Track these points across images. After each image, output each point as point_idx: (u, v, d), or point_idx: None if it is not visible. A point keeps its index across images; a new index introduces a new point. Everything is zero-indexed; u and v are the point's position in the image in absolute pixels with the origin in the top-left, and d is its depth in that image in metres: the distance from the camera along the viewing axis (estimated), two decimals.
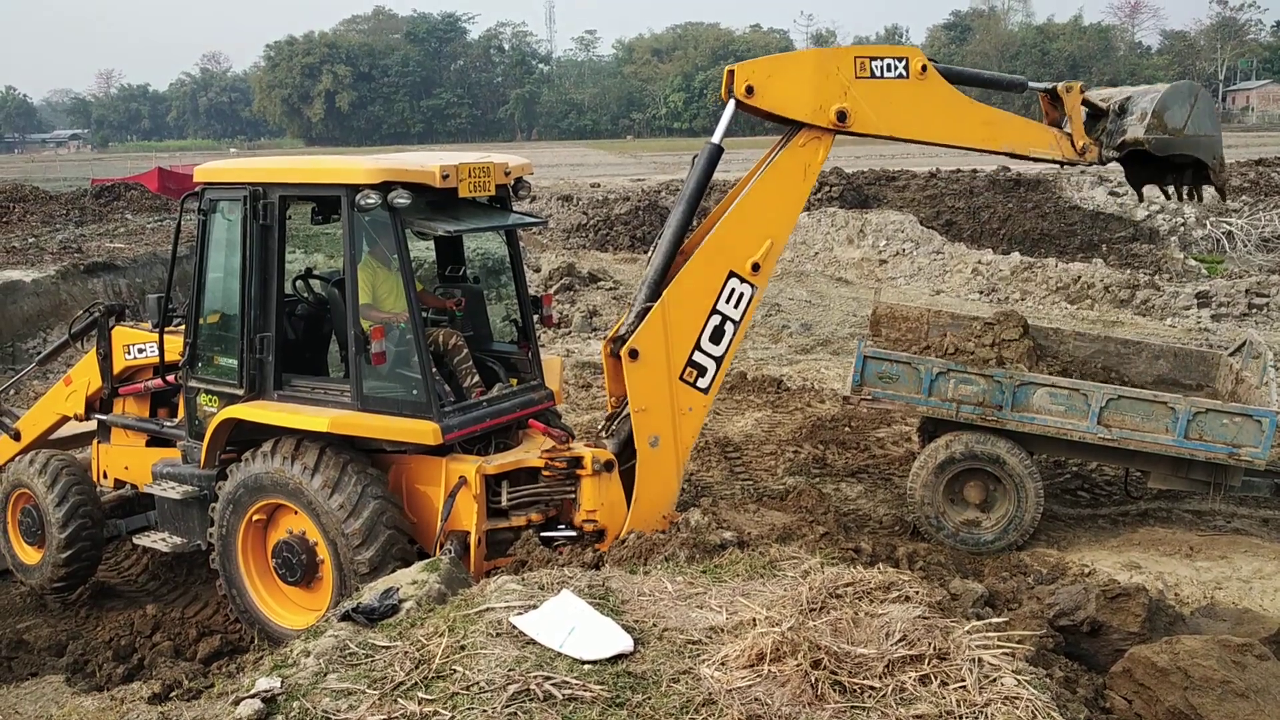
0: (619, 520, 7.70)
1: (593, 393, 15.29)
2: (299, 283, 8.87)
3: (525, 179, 8.42)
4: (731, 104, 7.92)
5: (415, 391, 7.64)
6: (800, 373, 16.46)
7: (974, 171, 35.03)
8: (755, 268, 7.69)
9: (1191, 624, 6.46)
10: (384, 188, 7.24)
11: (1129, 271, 23.86)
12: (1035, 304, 21.90)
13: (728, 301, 7.71)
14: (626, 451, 7.91)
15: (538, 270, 21.91)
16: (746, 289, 7.69)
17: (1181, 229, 31.69)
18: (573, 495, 7.87)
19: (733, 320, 7.71)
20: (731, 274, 7.67)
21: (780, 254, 8.03)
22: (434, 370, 7.87)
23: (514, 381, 8.66)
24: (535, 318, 8.89)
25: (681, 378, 7.70)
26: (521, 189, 8.36)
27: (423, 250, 10.26)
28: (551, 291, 20.11)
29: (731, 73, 7.88)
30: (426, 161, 7.60)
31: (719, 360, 7.74)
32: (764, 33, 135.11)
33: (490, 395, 8.26)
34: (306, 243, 18.21)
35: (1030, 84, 8.39)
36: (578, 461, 7.76)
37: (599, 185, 35.19)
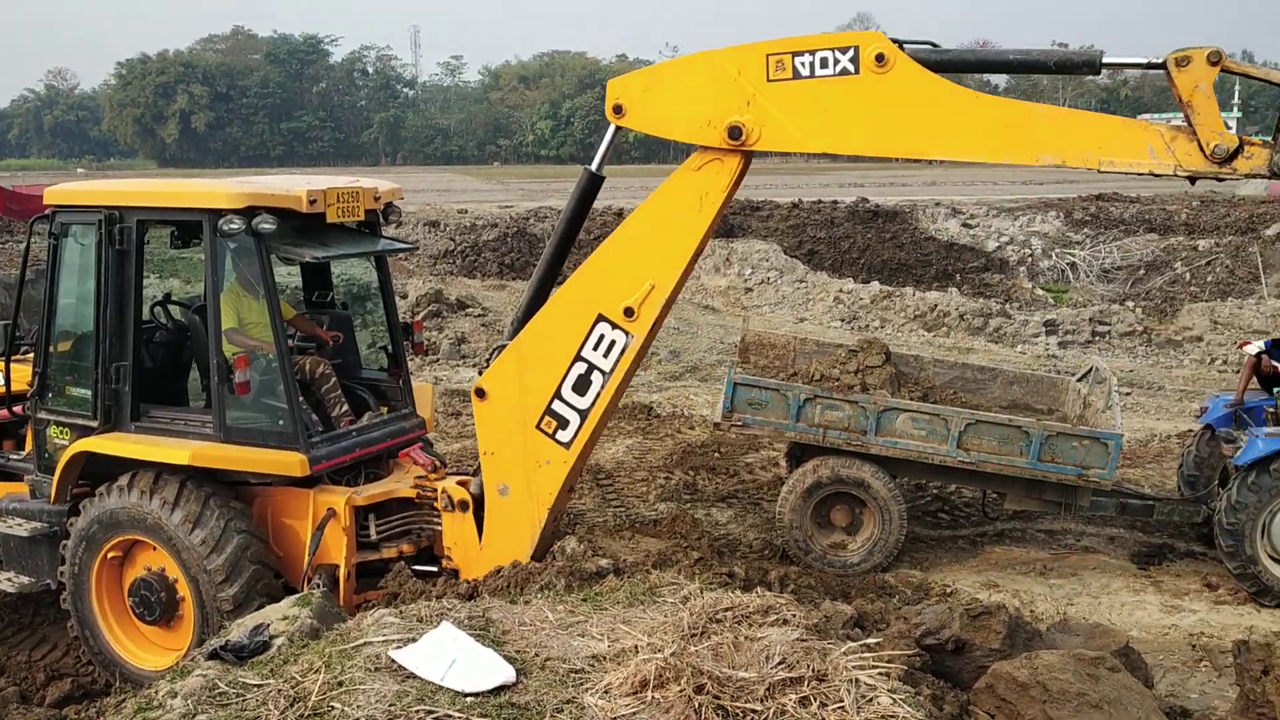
0: (470, 562, 7.29)
1: (463, 420, 15.13)
2: (157, 309, 8.57)
3: (395, 204, 8.32)
4: (612, 126, 6.88)
5: (281, 422, 7.45)
6: (670, 399, 16.61)
7: (834, 203, 36.03)
8: (629, 312, 6.47)
9: (1048, 639, 6.72)
10: (248, 212, 7.05)
11: (982, 300, 24.83)
12: (894, 331, 22.60)
13: (595, 348, 6.58)
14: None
15: (404, 297, 21.62)
16: (619, 336, 6.48)
17: (1029, 260, 33.19)
18: (440, 528, 7.75)
19: (601, 370, 6.56)
20: (600, 317, 6.54)
21: (671, 299, 6.50)
22: (301, 399, 7.68)
23: (384, 410, 8.51)
24: (406, 344, 8.76)
25: (539, 426, 6.75)
26: (392, 214, 8.24)
27: (284, 275, 10.03)
28: (420, 318, 19.85)
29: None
30: (293, 185, 7.43)
31: (583, 414, 6.64)
32: (630, 63, 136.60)
33: (360, 424, 8.11)
34: (162, 267, 17.61)
35: (1109, 61, 5.63)
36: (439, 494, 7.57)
37: (466, 211, 34.95)
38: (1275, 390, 10.80)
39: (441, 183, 68.19)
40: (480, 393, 6.96)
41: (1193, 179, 5.64)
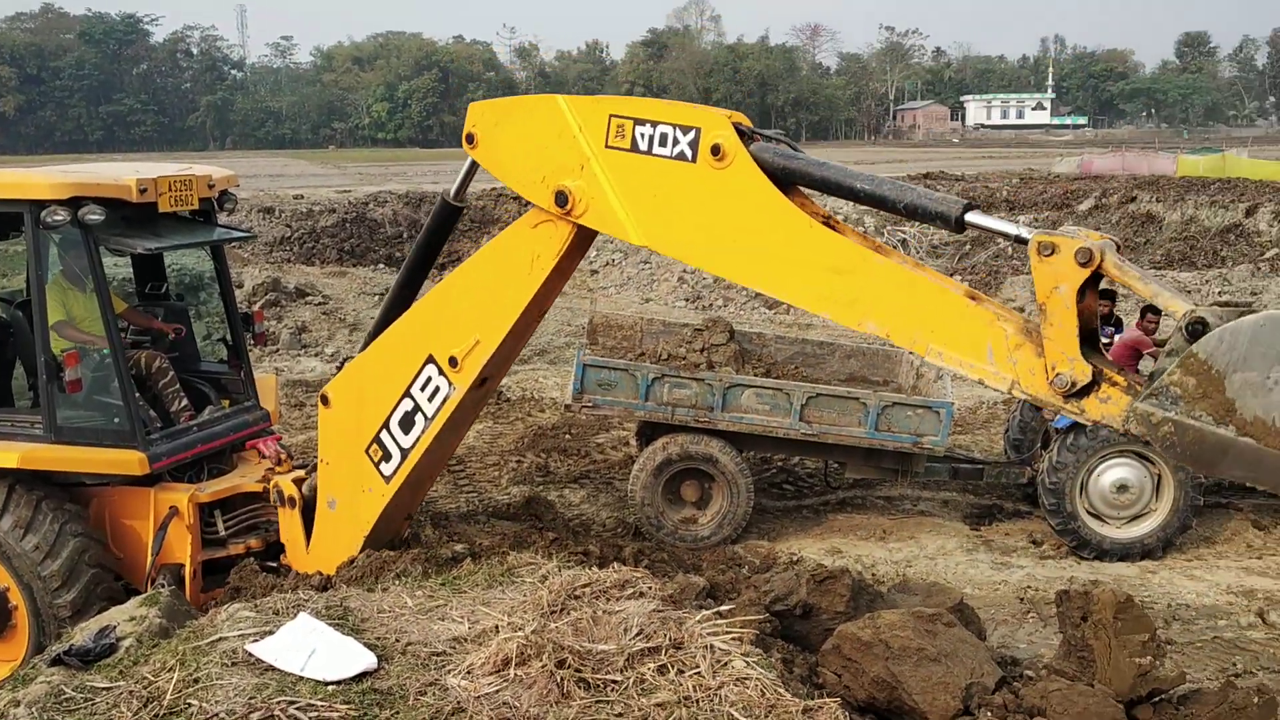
0: (299, 561, 7.02)
1: (306, 411, 14.82)
2: None
3: (230, 191, 8.08)
4: (468, 163, 6.15)
5: (117, 419, 7.19)
6: (519, 383, 16.62)
7: None
8: (453, 362, 5.92)
9: (889, 600, 7.07)
10: (73, 203, 6.75)
11: None
12: (737, 310, 23.09)
13: (422, 389, 6.09)
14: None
15: (240, 286, 20.93)
16: (443, 384, 5.95)
17: None
18: None
19: (424, 413, 6.07)
20: (430, 359, 6.03)
21: (503, 356, 5.98)
22: (137, 395, 7.42)
23: (226, 403, 8.30)
24: (246, 335, 8.55)
25: (368, 451, 6.35)
26: (227, 202, 8.00)
27: (113, 265, 9.64)
28: (259, 307, 19.29)
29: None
30: (121, 174, 7.14)
31: (405, 452, 6.20)
32: (467, 44, 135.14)
33: (201, 419, 7.89)
34: None
35: (972, 221, 4.30)
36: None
37: (302, 197, 34.00)
38: None
39: (275, 167, 66.12)
40: (325, 399, 6.67)
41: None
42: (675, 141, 4.90)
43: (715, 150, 4.76)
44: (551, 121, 5.35)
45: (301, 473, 7.29)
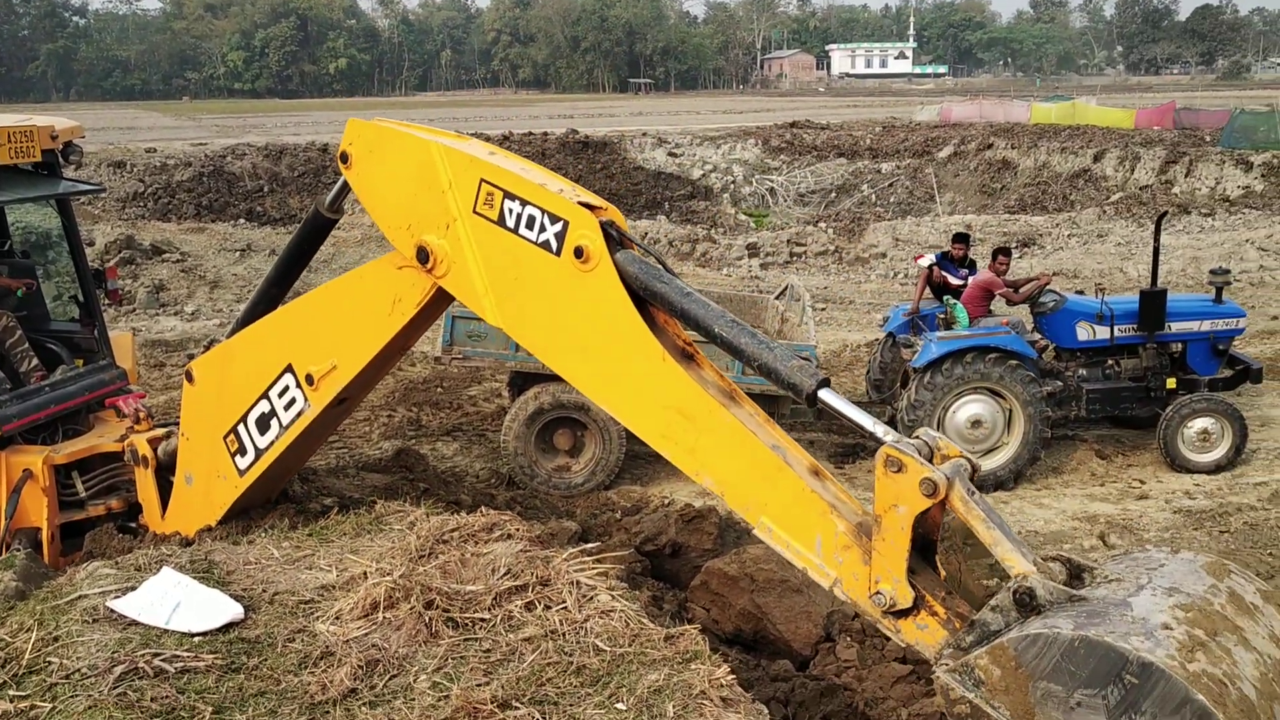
0: (155, 524, 6.80)
1: (167, 372, 14.43)
2: None
3: (76, 143, 7.76)
4: (340, 183, 5.81)
5: None
6: None
7: (545, 134, 36.23)
8: (310, 379, 5.63)
9: (755, 536, 7.29)
10: None
11: (689, 226, 25.82)
12: None
13: (279, 396, 5.81)
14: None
15: (92, 244, 20.12)
16: (299, 396, 5.65)
17: (732, 186, 34.74)
18: None
19: (280, 421, 5.80)
20: (290, 369, 5.73)
21: (361, 382, 5.67)
22: None
23: (80, 363, 8.03)
24: (99, 293, 8.27)
25: (225, 439, 6.11)
26: (72, 154, 7.69)
27: None
28: (112, 265, 18.58)
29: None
30: None
31: (259, 452, 5.95)
32: None
33: (53, 379, 7.62)
34: None
35: (825, 399, 4.07)
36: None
37: (155, 150, 32.71)
38: (945, 298, 11.98)
39: (125, 119, 63.32)
40: (189, 375, 6.38)
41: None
42: (543, 228, 4.51)
43: (579, 252, 4.37)
44: (423, 170, 4.94)
45: (160, 432, 7.13)
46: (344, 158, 5.35)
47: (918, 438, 3.83)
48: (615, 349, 4.42)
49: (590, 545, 4.80)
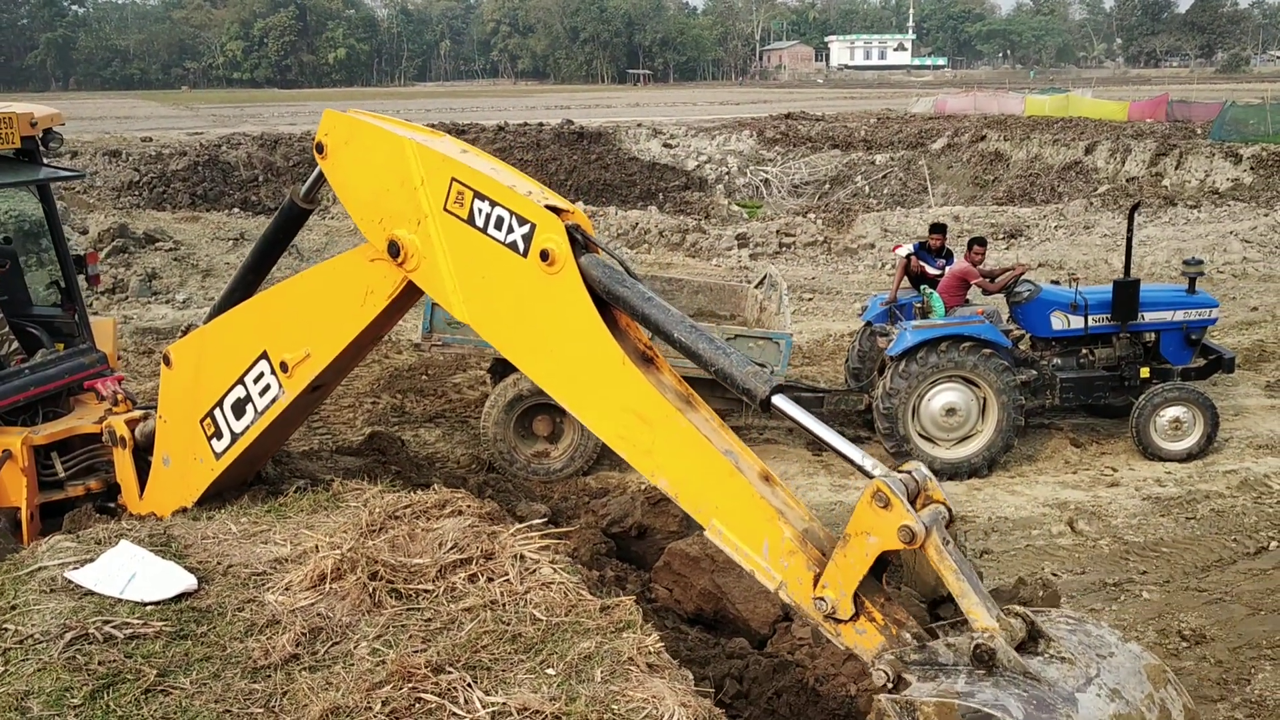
0: (132, 504, 6.94)
1: (155, 359, 14.50)
2: None
3: (56, 130, 7.89)
4: (315, 173, 5.89)
5: None
6: None
7: (540, 125, 36.32)
8: (284, 366, 5.76)
9: None
10: None
11: (681, 217, 25.93)
12: None
13: (255, 382, 5.92)
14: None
15: (84, 232, 20.24)
16: (274, 383, 5.77)
17: (726, 177, 34.84)
18: None
19: (254, 405, 5.91)
20: (264, 355, 5.86)
21: (334, 369, 5.83)
22: None
23: (60, 346, 8.17)
24: (81, 278, 8.40)
25: (202, 422, 6.20)
26: (52, 141, 7.82)
27: None
28: (103, 253, 18.69)
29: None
30: None
31: (235, 436, 6.06)
32: None
33: (33, 362, 7.76)
34: None
35: (779, 405, 4.24)
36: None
37: (151, 139, 32.82)
38: (922, 288, 12.11)
39: (122, 109, 63.39)
40: (167, 359, 6.50)
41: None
42: (510, 229, 4.64)
43: (544, 255, 4.51)
44: (395, 165, 5.05)
45: (138, 414, 7.26)
46: (319, 148, 5.45)
47: (908, 473, 3.93)
48: (576, 351, 4.57)
49: (537, 521, 4.95)
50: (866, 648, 3.91)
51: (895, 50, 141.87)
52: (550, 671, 3.60)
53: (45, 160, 8.00)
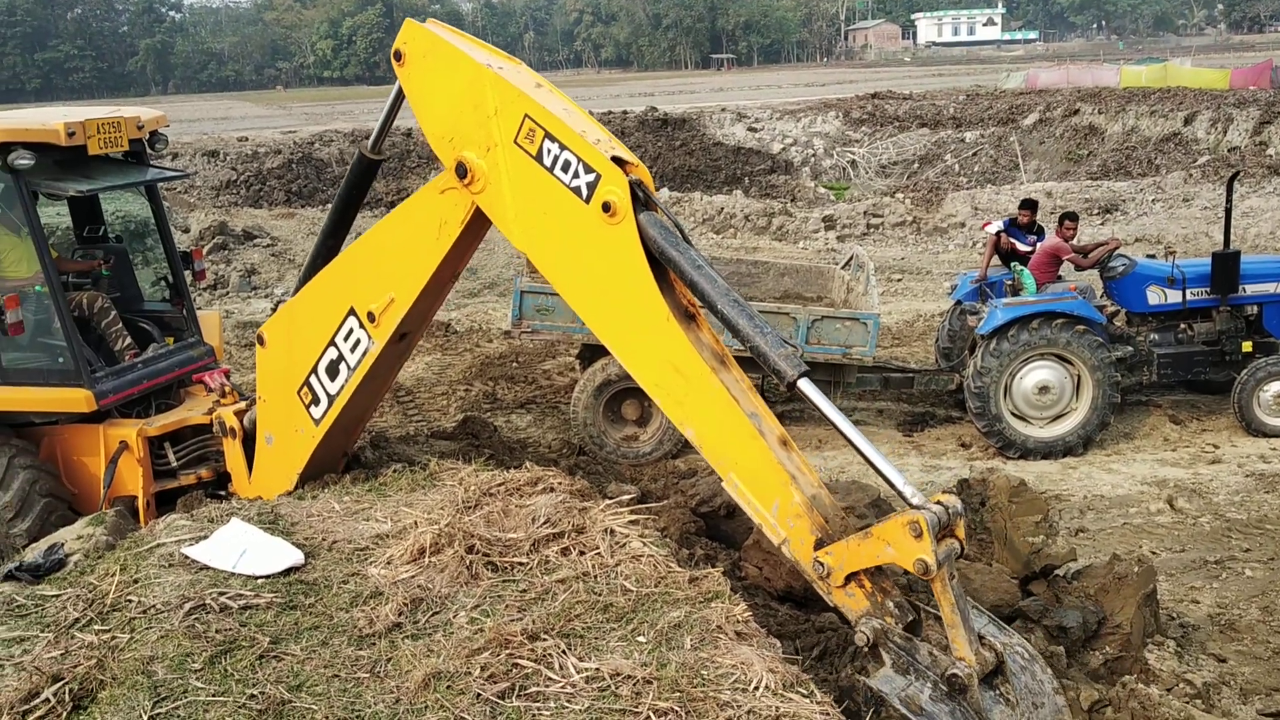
0: (243, 490, 7.21)
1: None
2: None
3: (160, 132, 8.21)
4: (390, 97, 6.06)
5: (61, 359, 7.40)
6: (468, 315, 16.87)
7: (625, 113, 36.40)
8: (371, 317, 5.98)
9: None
10: (2, 149, 6.90)
11: (766, 201, 25.82)
12: None
13: (345, 340, 6.15)
14: None
15: (187, 230, 20.96)
16: (363, 337, 6.00)
17: (812, 159, 34.56)
18: None
19: (347, 364, 6.13)
20: (352, 311, 6.08)
21: (419, 313, 6.02)
22: (81, 335, 7.63)
23: (170, 340, 8.52)
24: (187, 274, 8.75)
25: (299, 393, 6.46)
26: (158, 142, 8.14)
27: (54, 216, 9.77)
28: (205, 250, 19.33)
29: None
30: (49, 118, 7.29)
31: (331, 398, 6.28)
32: None
33: (145, 356, 8.11)
34: None
35: (804, 389, 4.49)
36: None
37: (247, 139, 33.71)
38: (1012, 265, 11.95)
39: (218, 110, 65.13)
40: (261, 339, 6.81)
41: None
42: (576, 174, 4.81)
43: (606, 206, 4.70)
44: (471, 90, 5.21)
45: (244, 404, 7.56)
46: (397, 55, 5.64)
47: (941, 505, 4.14)
48: (625, 301, 4.82)
49: (625, 497, 5.07)
50: (853, 609, 4.30)
51: (985, 25, 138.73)
52: (641, 639, 3.72)
53: (151, 162, 8.34)
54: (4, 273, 7.44)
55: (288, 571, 4.42)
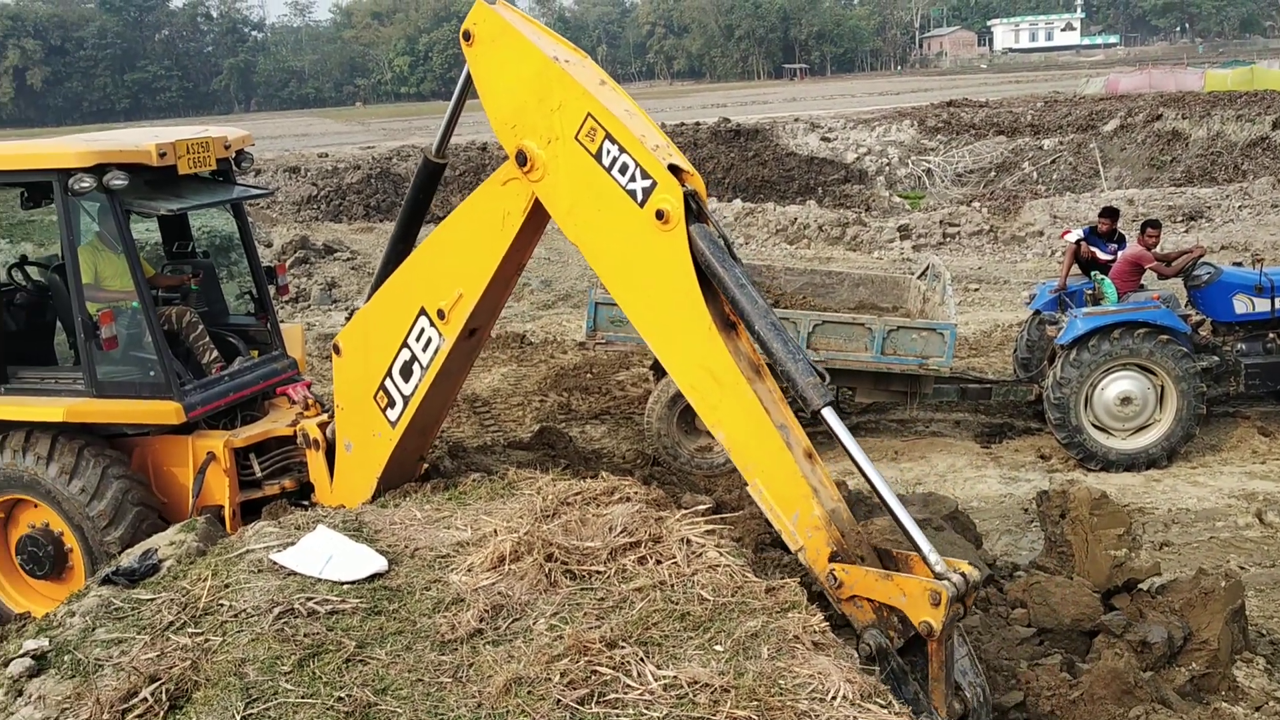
0: (325, 499, 7.35)
1: None
2: (14, 271, 8.60)
3: (247, 150, 8.43)
4: (452, 100, 6.28)
5: (152, 373, 7.62)
6: (543, 327, 17.03)
7: (697, 124, 36.47)
8: (441, 314, 6.13)
9: (868, 507, 7.43)
10: (98, 170, 7.13)
11: (840, 211, 25.69)
12: (758, 246, 23.31)
13: (417, 340, 6.32)
14: None
15: (269, 245, 21.48)
16: (434, 334, 6.17)
17: (887, 169, 34.27)
18: None
19: (420, 363, 6.31)
20: (422, 311, 6.24)
21: (488, 307, 6.22)
22: (170, 349, 7.86)
23: (255, 354, 8.73)
24: (271, 288, 8.96)
25: (375, 398, 6.63)
26: (244, 161, 8.37)
27: (143, 232, 10.07)
28: (287, 264, 19.77)
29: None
30: (141, 139, 7.52)
31: (406, 399, 6.46)
32: None
33: (231, 369, 8.32)
34: (11, 231, 17.19)
35: (829, 419, 4.72)
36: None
37: (327, 155, 34.45)
38: (1093, 274, 11.75)
39: (299, 127, 66.59)
40: (337, 348, 7.01)
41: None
42: (633, 178, 4.95)
43: (660, 214, 4.84)
44: (537, 83, 5.32)
45: (326, 416, 7.73)
46: (466, 35, 5.74)
47: (963, 576, 4.29)
48: (670, 307, 5.00)
49: (701, 506, 5.11)
50: (860, 620, 4.48)
51: (1063, 30, 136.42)
52: (718, 648, 3.76)
53: (237, 179, 8.58)
54: (104, 288, 7.70)
55: (372, 578, 4.54)
